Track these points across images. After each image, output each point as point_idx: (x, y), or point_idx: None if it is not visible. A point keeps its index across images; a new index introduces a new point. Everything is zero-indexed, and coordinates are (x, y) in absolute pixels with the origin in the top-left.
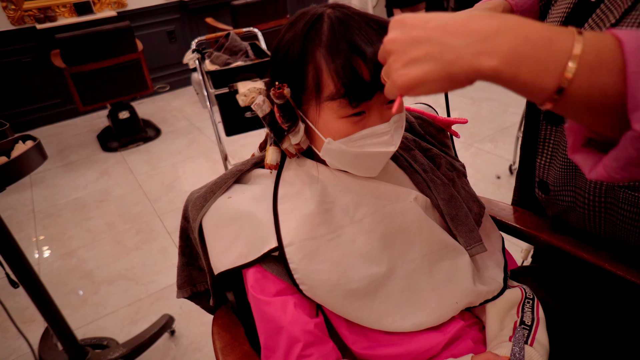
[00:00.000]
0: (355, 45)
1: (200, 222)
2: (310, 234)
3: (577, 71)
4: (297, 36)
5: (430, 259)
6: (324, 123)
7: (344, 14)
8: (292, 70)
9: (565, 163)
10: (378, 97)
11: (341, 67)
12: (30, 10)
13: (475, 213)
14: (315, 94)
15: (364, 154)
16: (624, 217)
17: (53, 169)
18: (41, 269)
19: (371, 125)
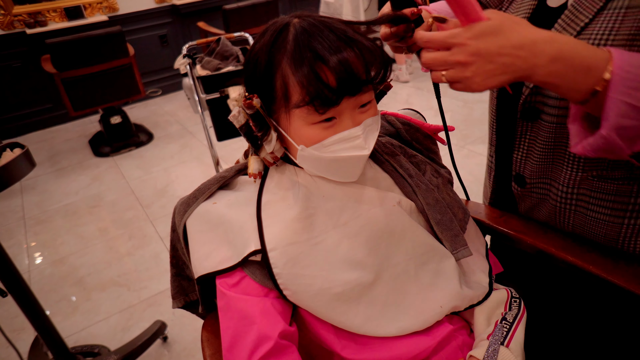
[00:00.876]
0: (317, 52)
1: (185, 227)
2: (294, 238)
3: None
4: (264, 46)
5: (416, 262)
6: (295, 130)
7: (309, 23)
8: (261, 80)
9: (543, 155)
10: (348, 102)
11: (305, 75)
12: (20, 15)
13: (460, 219)
14: (284, 102)
15: (337, 159)
16: (594, 206)
17: (44, 174)
18: (32, 276)
19: (343, 130)
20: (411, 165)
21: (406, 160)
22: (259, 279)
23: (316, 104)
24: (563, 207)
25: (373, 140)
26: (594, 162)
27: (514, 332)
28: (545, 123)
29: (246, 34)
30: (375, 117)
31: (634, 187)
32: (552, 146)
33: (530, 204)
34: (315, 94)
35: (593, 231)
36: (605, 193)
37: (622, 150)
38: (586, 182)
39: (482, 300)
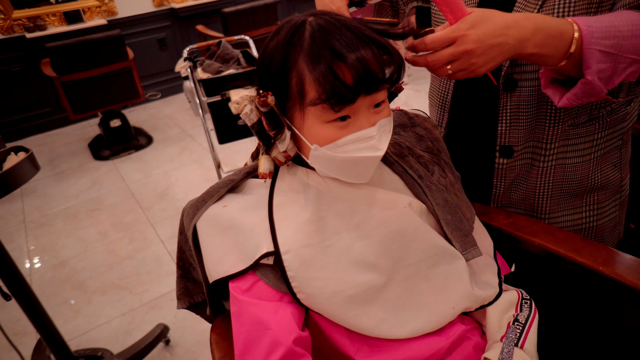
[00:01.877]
0: (335, 50)
1: (194, 230)
2: (307, 241)
3: (575, 49)
4: (279, 44)
5: (427, 264)
6: (309, 129)
7: (326, 21)
8: (276, 78)
9: (527, 119)
10: (363, 101)
11: (322, 73)
12: (20, 20)
13: (468, 219)
14: (298, 100)
15: (350, 160)
16: (571, 153)
17: (44, 178)
18: (33, 280)
19: (357, 130)
20: (420, 166)
21: (415, 161)
22: (273, 283)
23: (332, 101)
24: (546, 165)
25: (387, 142)
26: (567, 113)
27: (527, 333)
28: (524, 89)
29: (247, 37)
30: (388, 118)
31: (595, 125)
32: (535, 108)
33: (512, 177)
34: (332, 91)
35: (570, 178)
36: (577, 137)
37: (601, 90)
38: (564, 134)
39: (493, 300)
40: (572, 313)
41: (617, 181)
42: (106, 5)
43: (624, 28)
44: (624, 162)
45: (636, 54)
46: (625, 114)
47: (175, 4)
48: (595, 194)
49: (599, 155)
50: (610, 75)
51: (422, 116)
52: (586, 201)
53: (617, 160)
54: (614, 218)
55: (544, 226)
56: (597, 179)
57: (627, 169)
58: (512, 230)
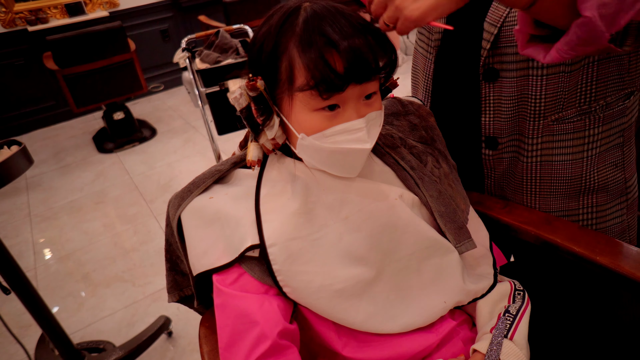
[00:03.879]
0: (327, 37)
1: (179, 221)
2: (294, 233)
3: None
4: (272, 29)
5: (419, 257)
6: (297, 116)
7: (321, 7)
8: (266, 62)
9: (509, 111)
10: (353, 91)
11: (312, 59)
12: (22, 13)
13: (462, 210)
14: (287, 85)
15: (338, 151)
16: (558, 150)
17: (49, 171)
18: (38, 273)
19: (346, 121)
20: (412, 157)
21: (407, 152)
22: (258, 276)
23: (321, 88)
24: (531, 161)
25: (375, 135)
26: (552, 106)
27: (517, 324)
28: (505, 80)
29: (246, 27)
30: (379, 112)
31: (586, 121)
32: (516, 100)
33: (501, 170)
34: (320, 77)
35: (560, 176)
36: (565, 134)
37: (602, 34)
38: (548, 129)
39: (486, 293)
40: (569, 304)
41: (620, 182)
42: None
43: None
44: (628, 161)
45: None
46: (623, 108)
47: None
48: (594, 196)
49: (594, 154)
50: (616, 11)
51: (417, 103)
52: (583, 203)
53: (618, 159)
54: (620, 222)
55: (541, 215)
56: (594, 180)
57: (632, 169)
58: (509, 220)
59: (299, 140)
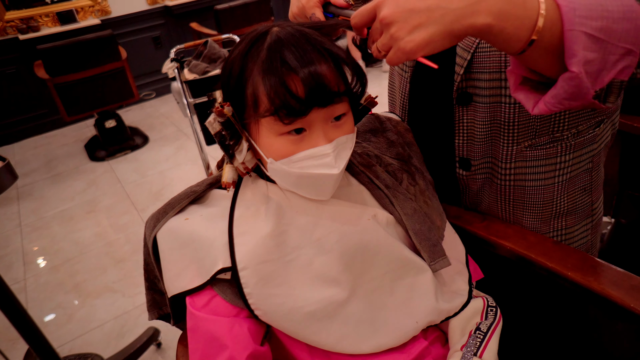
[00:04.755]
0: (287, 62)
1: (155, 241)
2: (266, 256)
3: (544, 26)
4: (240, 54)
5: (392, 277)
6: (264, 141)
7: (287, 33)
8: (234, 87)
9: (482, 135)
10: (318, 114)
11: (273, 84)
12: (13, 21)
13: (438, 227)
14: (253, 111)
15: (306, 175)
16: (530, 175)
17: (40, 180)
18: (28, 284)
19: (314, 145)
20: (387, 175)
21: (382, 170)
22: (230, 298)
23: (281, 113)
24: (504, 184)
25: (345, 160)
26: (525, 133)
27: (487, 342)
28: (479, 105)
29: (234, 36)
30: (349, 135)
31: (558, 148)
32: (489, 125)
33: (476, 189)
34: (280, 103)
35: (532, 201)
36: (537, 159)
37: (588, 90)
38: (521, 155)
39: (459, 310)
40: (542, 320)
41: (587, 205)
42: (99, 4)
43: (614, 8)
44: (596, 185)
45: (630, 43)
46: (594, 135)
47: (169, 2)
48: (563, 219)
49: (564, 179)
50: (599, 69)
51: (395, 119)
52: (553, 226)
53: (586, 184)
54: (585, 242)
55: (518, 230)
56: (564, 204)
57: (599, 191)
58: (485, 234)
59: (268, 164)
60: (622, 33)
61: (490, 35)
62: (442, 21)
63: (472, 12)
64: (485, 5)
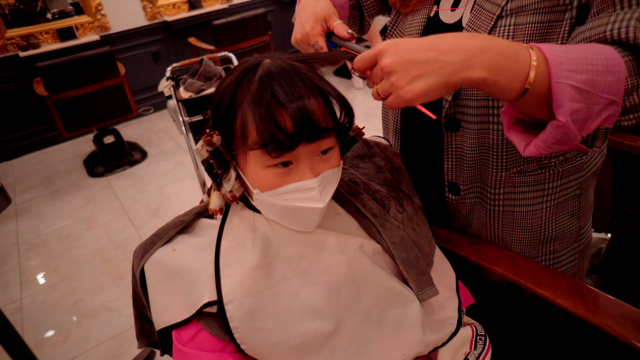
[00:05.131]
0: (277, 97)
1: (143, 272)
2: (253, 289)
3: (535, 78)
4: (230, 84)
5: (379, 308)
6: (251, 172)
7: (278, 66)
8: (223, 117)
9: (471, 161)
10: (305, 149)
11: (262, 118)
12: (13, 39)
13: (427, 254)
14: (241, 142)
15: (291, 208)
16: (519, 201)
17: (39, 197)
18: (24, 304)
19: (300, 178)
20: (374, 203)
21: (369, 198)
22: (216, 332)
23: (269, 147)
24: (493, 209)
25: (330, 193)
26: (513, 159)
27: None
28: (467, 131)
29: (230, 54)
30: (335, 169)
31: (546, 174)
32: (478, 151)
33: (465, 212)
34: (269, 137)
35: (520, 226)
36: (525, 185)
37: (575, 137)
38: (509, 180)
39: (448, 340)
40: (532, 347)
41: (574, 230)
42: (99, 21)
43: (598, 62)
44: (584, 210)
45: (612, 94)
46: (581, 163)
47: (167, 17)
48: (551, 244)
49: (552, 205)
50: (585, 118)
51: (383, 144)
52: (541, 251)
53: (574, 209)
54: (572, 266)
55: (508, 254)
56: (552, 230)
57: (587, 216)
58: (475, 259)
59: (254, 195)
60: (605, 85)
61: (485, 87)
62: (440, 73)
63: (468, 66)
64: (480, 60)
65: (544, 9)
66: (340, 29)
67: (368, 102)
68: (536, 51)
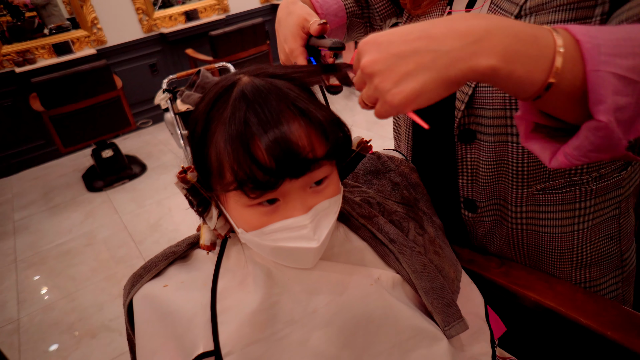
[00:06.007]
0: (250, 127)
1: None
2: (255, 336)
3: (563, 66)
4: (203, 109)
5: (401, 350)
6: (233, 213)
7: (254, 87)
8: (197, 149)
9: (488, 176)
10: (293, 184)
11: (235, 153)
12: (9, 55)
13: (452, 279)
14: (218, 179)
15: (280, 249)
16: (544, 221)
17: (38, 213)
18: (21, 325)
19: (289, 215)
20: (392, 226)
21: (385, 221)
22: None
23: (246, 188)
24: (515, 228)
25: (327, 228)
26: (536, 176)
27: None
28: (483, 143)
29: (228, 64)
30: (333, 199)
31: (576, 192)
32: (495, 165)
33: (484, 231)
34: (245, 177)
35: (548, 248)
36: (552, 204)
37: (619, 141)
38: (532, 198)
39: None
40: None
41: (615, 255)
42: (95, 35)
43: None
44: (625, 232)
45: None
46: (619, 179)
47: (164, 29)
48: (586, 271)
49: (585, 227)
50: (633, 116)
51: (398, 159)
52: (575, 278)
53: (614, 232)
54: (615, 297)
55: (542, 277)
56: (586, 255)
57: (629, 239)
58: (505, 282)
59: (239, 235)
60: None
61: (496, 80)
62: (434, 66)
63: (472, 53)
64: (487, 44)
65: (569, 5)
66: (313, 27)
67: None
68: (562, 33)
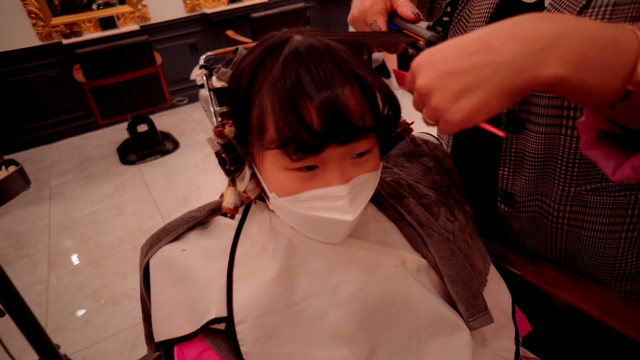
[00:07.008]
0: (302, 85)
1: (147, 270)
2: (270, 306)
3: None
4: (250, 64)
5: (420, 337)
6: (268, 174)
7: (309, 45)
8: (239, 105)
9: (532, 169)
10: (335, 151)
11: (282, 111)
12: (58, 27)
13: (480, 271)
14: (257, 137)
15: (313, 218)
16: (589, 224)
17: (73, 181)
18: (50, 286)
19: (326, 185)
20: (421, 209)
21: (415, 203)
22: (224, 354)
23: (289, 148)
24: (555, 227)
25: (363, 203)
26: (588, 174)
27: None
28: (532, 134)
29: None
30: (372, 173)
31: (631, 198)
32: (542, 159)
33: (519, 227)
34: (289, 136)
35: (588, 253)
36: (601, 207)
37: None
38: (579, 198)
39: None
40: None
41: None
42: (139, 11)
43: None
44: None
45: None
46: None
47: (207, 9)
48: (627, 283)
49: (635, 236)
50: None
51: (432, 143)
52: (614, 288)
53: None
54: None
55: (576, 278)
56: (631, 266)
57: None
58: (535, 280)
59: (270, 200)
60: None
61: (563, 90)
62: (495, 79)
63: (537, 62)
64: (556, 51)
65: None
66: (404, 7)
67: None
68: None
